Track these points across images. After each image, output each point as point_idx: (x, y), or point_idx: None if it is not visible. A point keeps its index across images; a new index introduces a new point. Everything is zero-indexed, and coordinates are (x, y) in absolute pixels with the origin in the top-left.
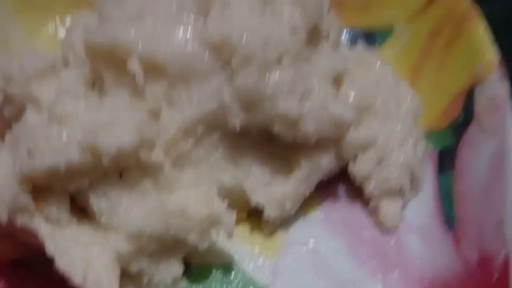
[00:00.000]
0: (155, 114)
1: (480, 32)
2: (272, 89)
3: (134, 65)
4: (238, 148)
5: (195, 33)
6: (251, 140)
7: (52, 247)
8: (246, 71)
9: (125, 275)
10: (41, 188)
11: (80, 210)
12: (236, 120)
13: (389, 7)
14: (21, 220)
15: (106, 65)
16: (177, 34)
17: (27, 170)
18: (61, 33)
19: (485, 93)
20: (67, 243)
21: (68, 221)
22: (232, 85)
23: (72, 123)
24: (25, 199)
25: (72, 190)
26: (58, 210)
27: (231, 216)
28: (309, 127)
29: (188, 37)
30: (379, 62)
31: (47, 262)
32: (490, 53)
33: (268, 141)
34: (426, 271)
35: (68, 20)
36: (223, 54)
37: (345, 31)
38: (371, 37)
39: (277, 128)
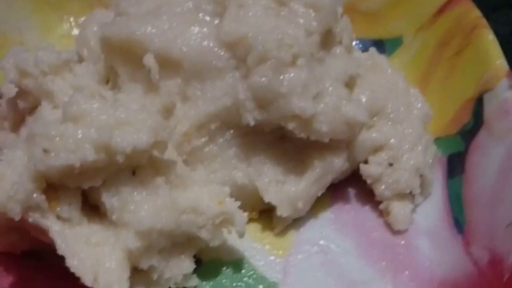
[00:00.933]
0: (169, 110)
1: (489, 41)
2: (287, 88)
3: (150, 60)
4: (251, 147)
5: (211, 31)
6: (264, 138)
7: (63, 246)
8: (261, 69)
9: (135, 271)
10: (53, 185)
11: (91, 208)
12: (250, 117)
13: (398, 18)
14: (33, 218)
15: (121, 60)
16: (192, 31)
17: (42, 167)
18: (75, 32)
19: (494, 100)
20: (77, 243)
21: (79, 220)
22: (246, 83)
23: (87, 121)
24: (39, 197)
25: (85, 187)
26: (70, 208)
27: (243, 216)
28: (323, 126)
29: (204, 34)
30: (390, 69)
31: (57, 255)
32: (499, 61)
33: (281, 141)
34: (436, 272)
35: (82, 20)
36: (238, 52)
37: (355, 42)
38: (381, 47)
39: (291, 127)
